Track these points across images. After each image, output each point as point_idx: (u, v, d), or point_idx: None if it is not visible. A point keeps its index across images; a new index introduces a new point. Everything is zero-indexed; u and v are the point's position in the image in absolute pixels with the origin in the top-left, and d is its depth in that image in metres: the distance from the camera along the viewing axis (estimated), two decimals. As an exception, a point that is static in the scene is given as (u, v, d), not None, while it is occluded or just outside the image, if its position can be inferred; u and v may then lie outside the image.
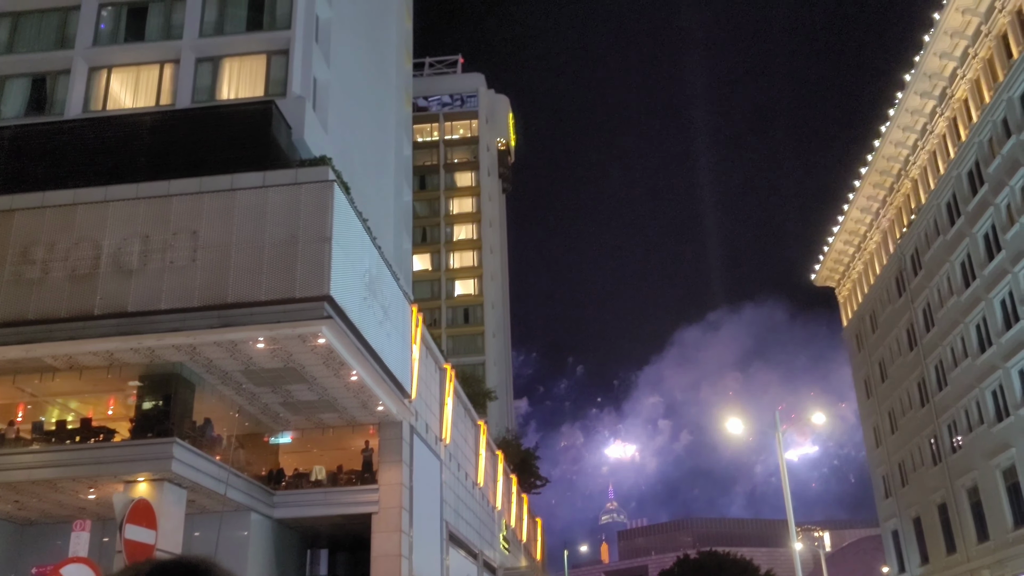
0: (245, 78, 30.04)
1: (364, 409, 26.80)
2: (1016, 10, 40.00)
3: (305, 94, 28.96)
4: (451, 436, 34.79)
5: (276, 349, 22.12)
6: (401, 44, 46.57)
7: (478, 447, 41.86)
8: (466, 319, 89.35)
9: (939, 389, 50.98)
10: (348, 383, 24.54)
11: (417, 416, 29.80)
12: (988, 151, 43.25)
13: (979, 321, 45.46)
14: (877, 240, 61.21)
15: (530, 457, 65.66)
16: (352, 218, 23.86)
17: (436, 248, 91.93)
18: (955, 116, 47.46)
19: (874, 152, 55.51)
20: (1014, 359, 41.52)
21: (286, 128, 27.07)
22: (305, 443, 29.01)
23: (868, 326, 63.99)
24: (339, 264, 21.99)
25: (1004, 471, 43.49)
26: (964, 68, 45.30)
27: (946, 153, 48.94)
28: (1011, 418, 42.08)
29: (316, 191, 22.63)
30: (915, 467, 55.73)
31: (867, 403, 65.54)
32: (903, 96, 49.95)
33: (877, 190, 58.47)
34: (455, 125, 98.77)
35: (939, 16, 44.23)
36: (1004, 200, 41.80)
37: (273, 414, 27.05)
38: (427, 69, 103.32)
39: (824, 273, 70.15)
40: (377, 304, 25.26)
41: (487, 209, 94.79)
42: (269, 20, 30.69)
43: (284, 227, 22.06)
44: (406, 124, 47.51)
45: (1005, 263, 41.92)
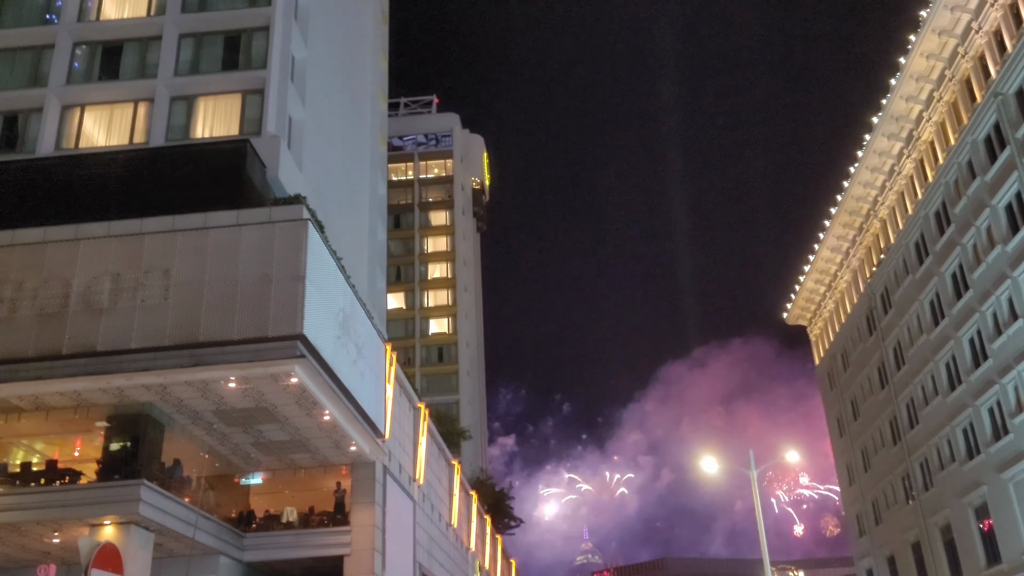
0: (220, 117, 30.08)
1: (337, 449, 26.52)
2: (978, 55, 41.02)
3: (280, 133, 29.03)
4: (425, 476, 34.47)
5: (248, 389, 21.89)
6: (376, 84, 46.87)
7: (452, 487, 41.48)
8: (440, 358, 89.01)
9: (911, 427, 51.33)
10: (321, 423, 24.30)
11: (390, 456, 29.53)
12: (954, 192, 44.06)
13: (948, 359, 45.95)
14: (847, 279, 61.92)
15: (504, 498, 65.14)
16: (326, 257, 23.80)
17: (410, 287, 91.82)
18: (922, 158, 48.36)
19: (843, 192, 56.34)
20: (983, 397, 41.95)
21: (260, 167, 27.07)
22: (276, 484, 28.61)
23: (840, 364, 64.47)
24: (313, 303, 21.88)
25: (976, 509, 43.72)
26: (930, 111, 46.27)
27: (914, 194, 49.78)
28: (982, 456, 42.40)
29: (290, 230, 22.58)
30: (888, 505, 55.89)
31: (840, 441, 65.81)
32: (871, 138, 50.86)
33: (847, 230, 59.26)
34: (430, 164, 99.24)
35: (905, 60, 45.23)
36: (970, 240, 42.50)
37: (244, 455, 26.69)
38: (402, 109, 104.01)
39: (796, 312, 70.74)
40: (351, 343, 25.12)
41: (461, 248, 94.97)
42: (245, 60, 30.85)
43: (257, 266, 21.96)
44: (381, 163, 47.65)
45: (973, 302, 42.52)
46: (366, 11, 45.75)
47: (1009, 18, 38.19)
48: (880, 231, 55.38)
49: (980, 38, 40.44)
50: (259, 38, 30.73)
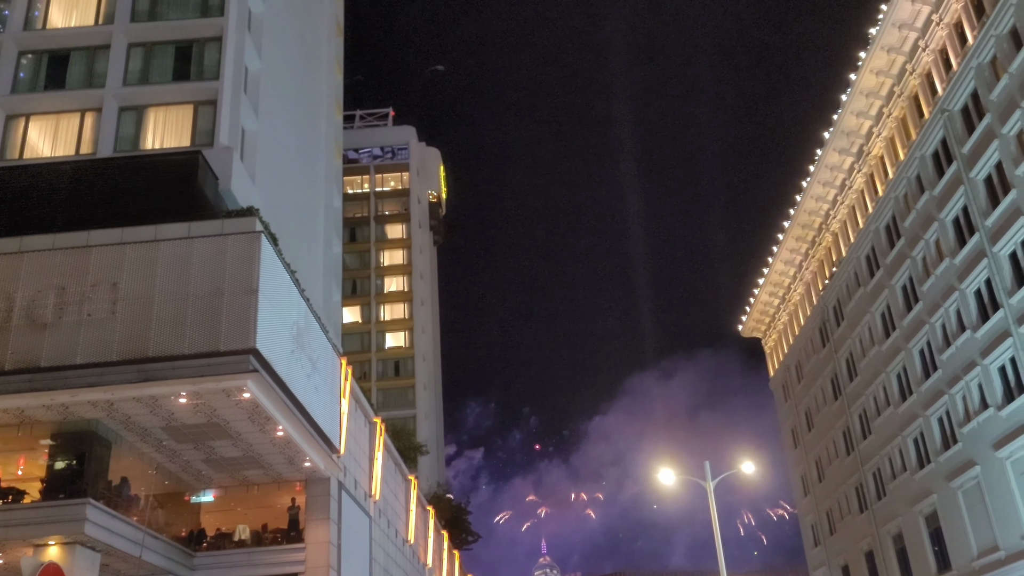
0: (171, 128, 29.59)
1: (291, 465, 26.08)
2: (925, 73, 41.93)
3: (233, 144, 28.62)
4: (381, 492, 34.06)
5: (199, 404, 21.44)
6: (331, 96, 46.55)
7: (409, 503, 41.07)
8: (397, 372, 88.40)
9: (863, 438, 52.03)
10: (274, 438, 23.88)
11: (346, 472, 29.12)
12: (904, 206, 44.90)
13: (899, 370, 46.70)
14: (801, 292, 62.73)
15: (462, 512, 64.71)
16: (280, 270, 23.45)
17: (366, 300, 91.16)
18: (872, 172, 49.24)
19: (796, 206, 57.14)
20: (933, 407, 42.67)
21: (213, 178, 26.65)
22: (228, 501, 28.04)
23: (794, 376, 65.22)
24: (266, 316, 21.53)
25: (927, 517, 44.40)
26: (879, 127, 47.14)
27: (865, 208, 50.64)
28: (932, 465, 43.10)
29: (243, 242, 22.22)
30: (842, 515, 56.54)
31: (794, 452, 66.52)
32: (823, 153, 51.67)
33: (800, 243, 60.08)
34: (386, 177, 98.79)
35: (855, 77, 46.06)
36: (920, 253, 43.31)
37: (195, 472, 26.13)
38: (358, 121, 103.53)
39: (751, 324, 71.49)
40: (305, 357, 24.76)
41: (418, 261, 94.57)
42: (196, 70, 30.41)
43: (209, 279, 21.56)
44: (336, 176, 47.27)
45: (923, 314, 43.29)
46: (321, 23, 45.46)
47: (954, 37, 39.10)
48: (832, 244, 56.23)
49: (927, 56, 41.35)
50: (211, 48, 30.32)
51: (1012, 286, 35.59)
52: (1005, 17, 34.51)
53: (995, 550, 37.49)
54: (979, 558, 38.81)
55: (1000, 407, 36.66)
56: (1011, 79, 34.49)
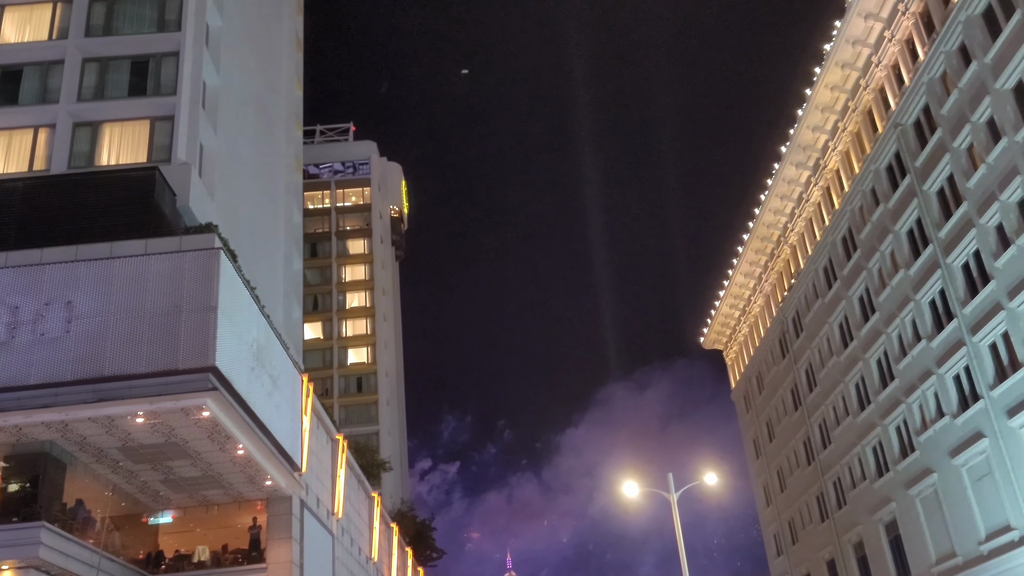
0: (127, 144, 29.21)
1: (251, 484, 25.75)
2: (879, 88, 42.74)
3: (191, 160, 28.33)
4: (344, 510, 33.74)
5: (157, 423, 21.11)
6: (291, 111, 46.28)
7: (372, 520, 40.73)
8: (359, 388, 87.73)
9: (823, 447, 52.62)
10: (234, 457, 23.57)
11: (308, 490, 28.81)
12: (859, 218, 45.64)
13: (858, 380, 47.34)
14: (760, 304, 63.41)
15: (426, 529, 64.29)
16: (239, 286, 23.22)
17: (328, 316, 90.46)
18: (828, 185, 50.01)
19: (755, 219, 57.83)
20: (891, 416, 43.29)
21: (170, 195, 26.34)
22: (187, 522, 27.60)
23: (755, 387, 65.84)
24: (225, 334, 21.29)
25: (886, 525, 44.96)
26: (835, 141, 47.93)
27: (821, 220, 51.39)
28: (891, 473, 43.69)
29: (201, 259, 21.97)
30: (804, 524, 57.06)
31: (756, 463, 67.07)
32: (780, 166, 52.38)
33: (759, 255, 60.78)
34: (347, 192, 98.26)
35: (810, 91, 46.81)
36: (876, 265, 44.02)
37: (153, 493, 25.69)
38: (318, 136, 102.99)
39: (712, 336, 72.10)
40: (265, 374, 24.50)
41: (380, 276, 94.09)
42: (153, 86, 30.09)
43: (167, 296, 21.29)
44: (296, 191, 46.95)
45: (879, 324, 43.96)
46: (280, 38, 45.23)
47: (906, 53, 39.93)
48: (791, 256, 56.96)
49: (880, 71, 42.16)
50: (168, 64, 30.02)
51: (965, 296, 36.29)
52: (954, 34, 35.33)
53: (952, 556, 38.05)
54: (937, 564, 39.37)
55: (955, 415, 37.29)
56: (961, 94, 35.27)
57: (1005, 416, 33.62)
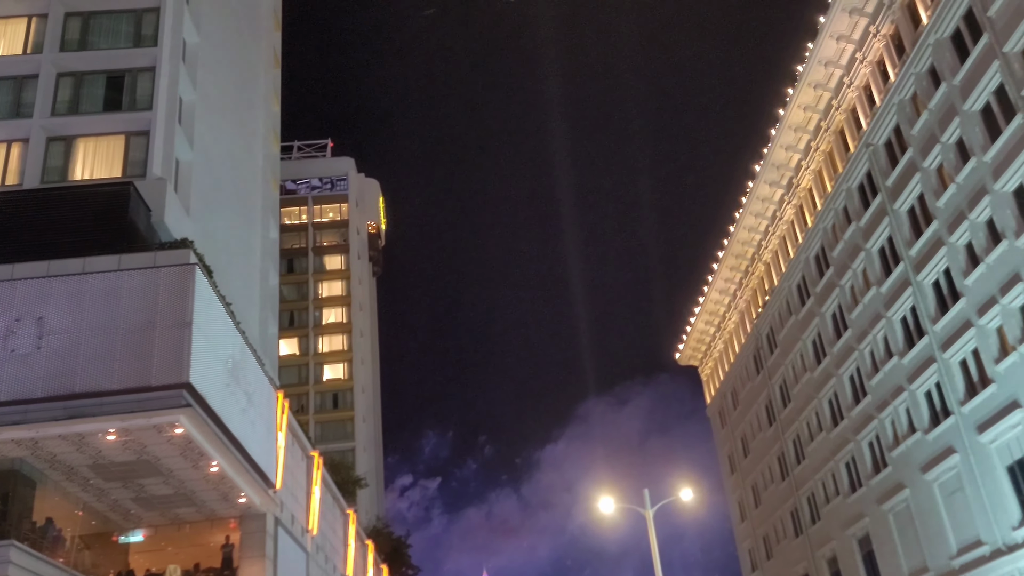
0: (101, 159, 29.06)
1: (225, 501, 25.54)
2: (851, 108, 43.36)
3: (166, 176, 28.23)
4: (318, 527, 33.52)
5: (128, 441, 20.92)
6: (268, 127, 46.21)
7: (347, 537, 40.46)
8: (335, 404, 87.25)
9: (797, 463, 52.94)
10: (208, 475, 23.39)
11: (282, 507, 28.61)
12: (832, 236, 46.17)
13: (831, 396, 47.75)
14: (735, 320, 63.85)
15: (401, 546, 63.88)
16: (214, 302, 23.11)
17: (304, 332, 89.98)
18: (802, 204, 50.58)
19: (729, 237, 58.33)
20: (864, 432, 43.68)
21: (145, 210, 26.23)
22: (159, 541, 27.31)
23: (730, 403, 66.18)
24: (200, 350, 21.17)
25: (860, 540, 45.26)
26: (808, 160, 48.52)
27: (795, 238, 51.93)
28: (864, 488, 44.03)
29: (176, 275, 21.86)
30: (778, 540, 57.30)
31: (731, 478, 67.34)
32: (754, 185, 52.94)
33: (734, 272, 61.27)
34: (324, 208, 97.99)
35: (784, 112, 47.39)
36: (848, 282, 44.52)
37: (123, 511, 25.42)
38: (296, 152, 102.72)
39: (688, 352, 72.46)
40: (240, 391, 24.36)
41: (357, 292, 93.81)
42: (129, 100, 29.98)
43: (140, 312, 21.14)
44: (273, 207, 46.83)
45: (851, 341, 44.41)
46: (257, 54, 45.21)
47: (877, 75, 40.56)
48: (765, 274, 57.45)
49: (852, 92, 42.79)
50: (144, 79, 29.93)
51: (936, 313, 36.77)
52: (924, 56, 35.96)
53: (925, 571, 38.37)
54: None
55: (927, 431, 37.70)
56: (931, 115, 35.87)
57: (975, 432, 34.05)
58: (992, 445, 33.22)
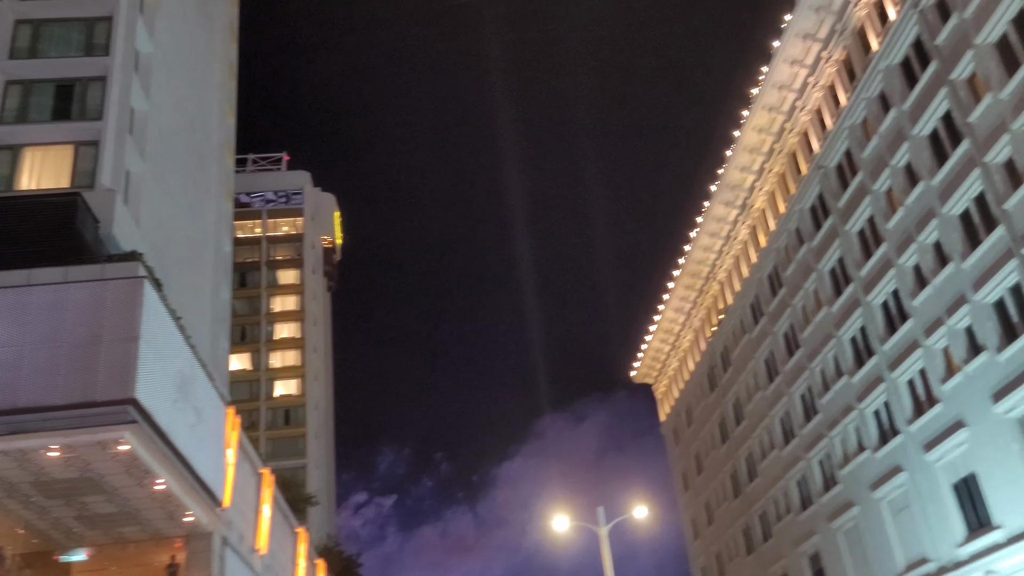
0: (49, 168, 28.43)
1: (170, 520, 24.95)
2: (803, 131, 44.12)
3: (116, 187, 27.70)
4: (268, 546, 32.93)
5: (72, 457, 20.36)
6: (223, 139, 45.68)
7: (296, 556, 39.82)
8: (287, 421, 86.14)
9: (750, 480, 53.39)
10: (153, 493, 22.83)
11: (230, 526, 28.06)
12: (785, 257, 46.83)
13: (783, 414, 48.28)
14: (690, 338, 64.36)
15: (352, 564, 63.07)
16: (164, 316, 22.67)
17: (256, 347, 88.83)
18: (755, 224, 51.26)
19: (685, 256, 58.86)
20: (814, 450, 44.20)
21: (93, 222, 25.68)
22: (102, 560, 26.55)
23: (684, 421, 66.59)
24: (147, 365, 20.72)
25: (810, 557, 45.70)
26: (762, 181, 49.24)
27: (749, 258, 52.58)
28: (814, 506, 44.50)
29: (124, 288, 21.39)
30: (731, 557, 57.64)
31: (685, 496, 67.67)
32: (709, 205, 53.53)
33: (689, 291, 61.81)
34: (279, 222, 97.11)
35: (739, 133, 48.07)
36: (800, 302, 45.15)
37: (66, 529, 24.71)
38: (250, 165, 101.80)
39: (643, 370, 72.83)
40: (189, 407, 23.88)
41: (311, 307, 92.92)
42: (79, 110, 29.41)
43: (86, 326, 20.64)
44: (226, 220, 46.23)
45: (803, 360, 44.99)
46: (213, 65, 44.72)
47: (829, 99, 41.34)
48: (719, 293, 58.04)
49: (804, 116, 43.55)
50: (95, 88, 29.39)
51: (884, 334, 37.41)
52: (874, 82, 36.74)
53: (873, 589, 38.82)
54: (859, 597, 40.10)
55: (875, 449, 38.25)
56: (880, 139, 36.62)
57: (922, 450, 34.62)
58: (938, 464, 33.80)
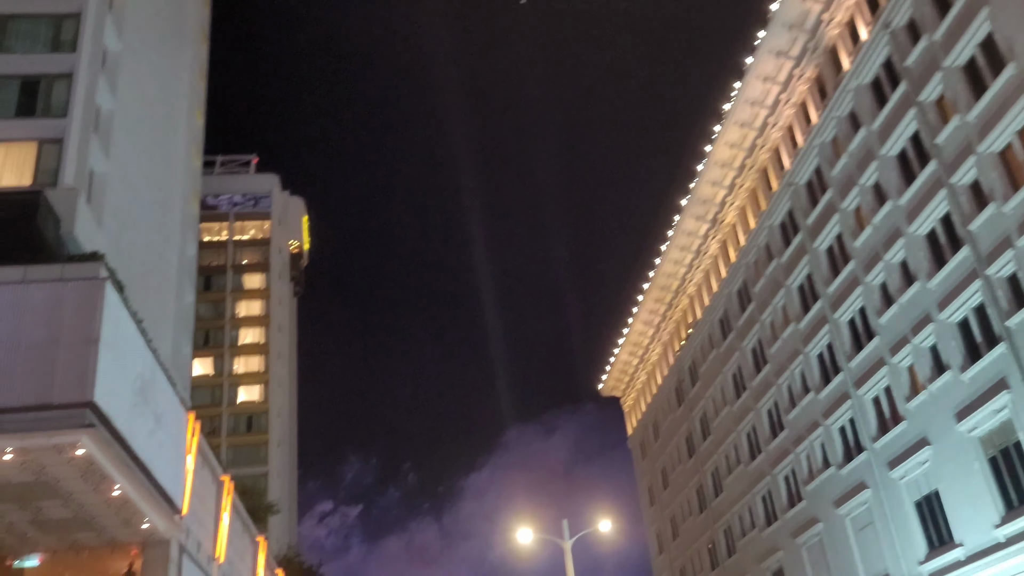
0: (11, 166, 27.82)
1: (127, 527, 24.33)
2: (774, 148, 44.41)
3: (79, 186, 27.15)
4: (226, 554, 32.29)
5: (27, 461, 19.75)
6: (191, 140, 45.06)
7: (255, 566, 39.14)
8: (249, 427, 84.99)
9: (715, 495, 53.45)
10: (109, 499, 22.23)
11: (188, 533, 27.44)
12: (754, 272, 47.03)
13: (749, 430, 48.40)
14: (659, 352, 64.43)
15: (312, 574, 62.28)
16: (125, 319, 22.13)
17: (220, 352, 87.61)
18: (726, 239, 51.46)
19: (655, 269, 58.93)
20: (780, 465, 44.32)
21: (54, 221, 25.11)
22: (56, 566, 25.84)
23: (651, 435, 66.61)
24: (107, 368, 20.18)
25: (774, 573, 45.77)
26: (733, 196, 49.45)
27: (719, 272, 52.76)
28: (779, 522, 44.61)
29: (84, 289, 20.85)
30: (695, 572, 57.62)
31: (651, 510, 67.64)
32: (680, 219, 53.65)
33: (658, 304, 61.89)
34: (246, 225, 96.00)
35: (710, 148, 48.25)
36: (768, 317, 45.33)
37: (19, 534, 24.00)
38: (218, 167, 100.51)
39: (611, 383, 72.81)
40: (149, 411, 23.32)
41: (276, 313, 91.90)
42: (43, 107, 28.86)
43: (44, 327, 20.07)
44: (192, 222, 45.58)
45: (770, 376, 45.15)
46: (182, 65, 44.14)
47: (800, 116, 41.64)
48: (688, 307, 58.17)
49: (776, 132, 43.82)
50: (61, 85, 28.87)
51: (851, 351, 37.62)
52: (845, 101, 37.04)
53: (836, 605, 38.91)
54: (821, 613, 40.17)
55: (840, 466, 38.41)
56: (850, 158, 36.90)
57: (886, 468, 34.80)
58: (902, 481, 33.99)
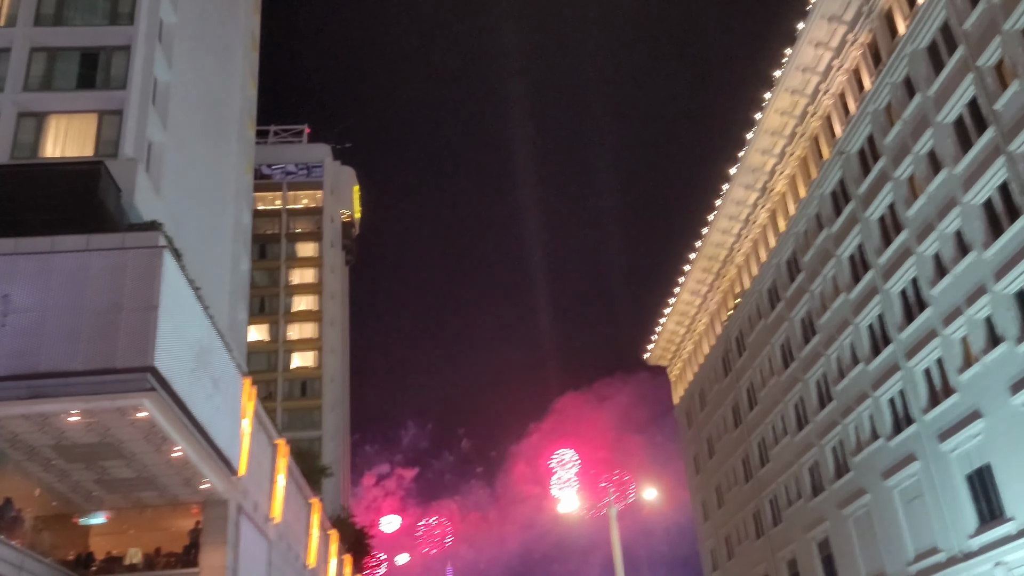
0: (73, 136, 28.67)
1: (187, 486, 25.35)
2: (826, 115, 43.76)
3: (138, 156, 27.91)
4: (282, 515, 33.36)
5: (92, 423, 20.70)
6: (244, 110, 45.80)
7: (310, 526, 40.31)
8: (303, 392, 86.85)
9: (761, 465, 53.44)
10: (171, 459, 23.20)
11: (245, 494, 28.45)
12: (804, 242, 46.59)
13: (797, 400, 48.22)
14: (705, 322, 64.25)
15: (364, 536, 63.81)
16: (183, 286, 22.90)
17: (275, 319, 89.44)
18: (775, 208, 50.96)
19: (703, 238, 58.62)
20: (828, 437, 44.17)
21: (115, 190, 25.89)
22: (120, 523, 27.06)
23: (697, 404, 66.63)
24: (166, 334, 20.97)
25: (819, 543, 45.81)
26: (783, 165, 48.91)
27: (767, 242, 52.32)
28: (826, 492, 44.54)
29: (144, 257, 21.63)
30: (740, 540, 57.83)
31: (696, 479, 67.84)
32: (728, 188, 53.22)
33: (706, 274, 61.62)
34: (299, 195, 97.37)
35: (760, 116, 47.68)
36: (818, 287, 44.96)
37: (85, 492, 25.16)
38: (272, 137, 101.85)
39: (657, 352, 72.83)
40: (207, 376, 24.16)
41: (329, 281, 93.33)
42: (103, 78, 29.58)
43: (107, 294, 20.89)
44: (246, 191, 46.45)
45: (819, 346, 44.87)
46: (236, 37, 44.79)
47: (853, 82, 40.94)
48: (736, 277, 57.84)
49: (827, 99, 43.16)
50: (119, 57, 29.55)
51: (902, 322, 37.23)
52: (900, 66, 36.34)
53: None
54: (867, 583, 40.20)
55: (889, 438, 38.19)
56: (904, 125, 36.27)
57: (936, 440, 34.54)
58: (952, 454, 33.72)
